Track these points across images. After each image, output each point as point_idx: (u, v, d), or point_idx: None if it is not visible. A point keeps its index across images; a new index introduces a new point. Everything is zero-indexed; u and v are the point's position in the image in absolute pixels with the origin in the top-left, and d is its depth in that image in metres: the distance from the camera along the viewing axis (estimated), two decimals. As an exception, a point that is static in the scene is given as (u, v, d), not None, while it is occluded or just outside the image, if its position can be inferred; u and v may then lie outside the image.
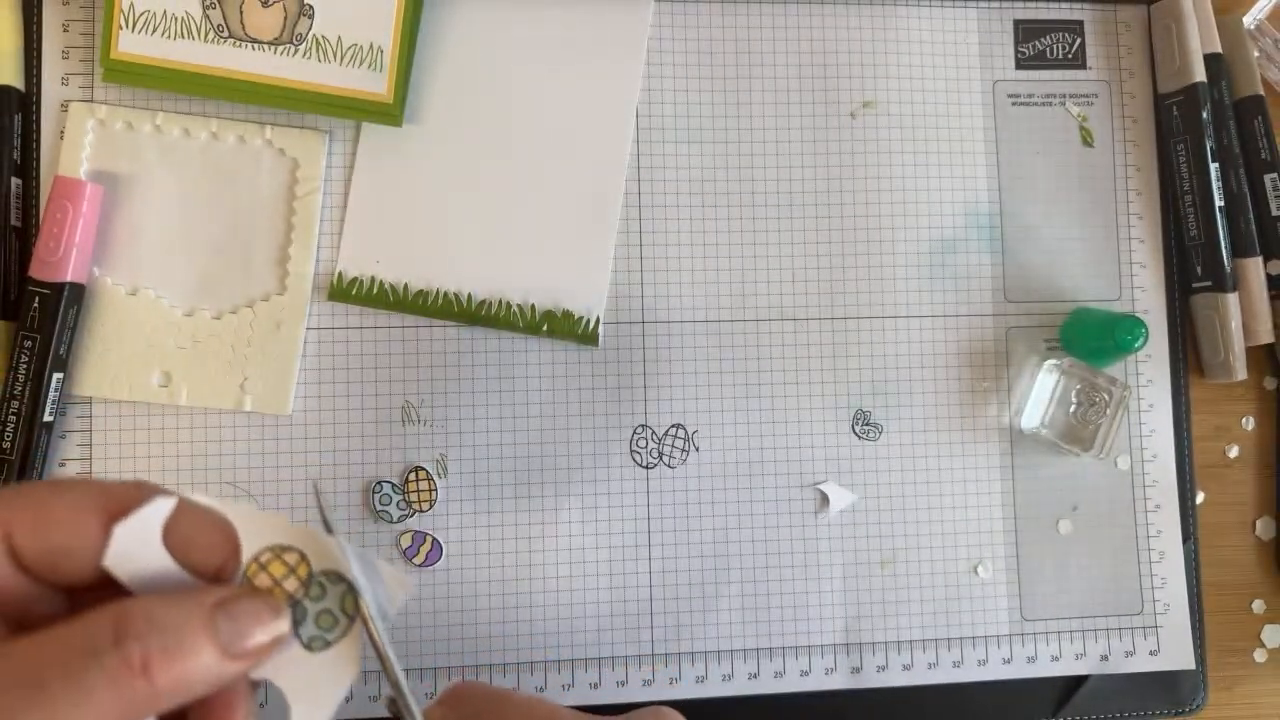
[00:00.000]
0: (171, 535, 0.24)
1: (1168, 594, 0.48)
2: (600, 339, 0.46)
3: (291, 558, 0.25)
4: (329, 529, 0.25)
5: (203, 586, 0.24)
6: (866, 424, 0.48)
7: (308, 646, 0.25)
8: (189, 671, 0.22)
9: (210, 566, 0.25)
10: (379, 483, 0.45)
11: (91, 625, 0.22)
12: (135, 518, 0.24)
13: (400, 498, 0.45)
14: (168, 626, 0.22)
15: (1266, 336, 0.48)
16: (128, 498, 0.24)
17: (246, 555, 0.25)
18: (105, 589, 0.24)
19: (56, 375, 0.42)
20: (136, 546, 0.24)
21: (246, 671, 0.24)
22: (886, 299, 0.48)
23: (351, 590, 0.25)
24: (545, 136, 0.46)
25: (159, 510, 0.24)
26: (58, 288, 0.42)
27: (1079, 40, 0.50)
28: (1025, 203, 0.49)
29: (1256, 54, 0.49)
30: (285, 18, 0.43)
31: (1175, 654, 0.48)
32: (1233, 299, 0.48)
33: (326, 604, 0.25)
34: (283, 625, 0.24)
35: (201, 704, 0.24)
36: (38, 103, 0.44)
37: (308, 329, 0.45)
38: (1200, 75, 0.47)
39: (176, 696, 0.22)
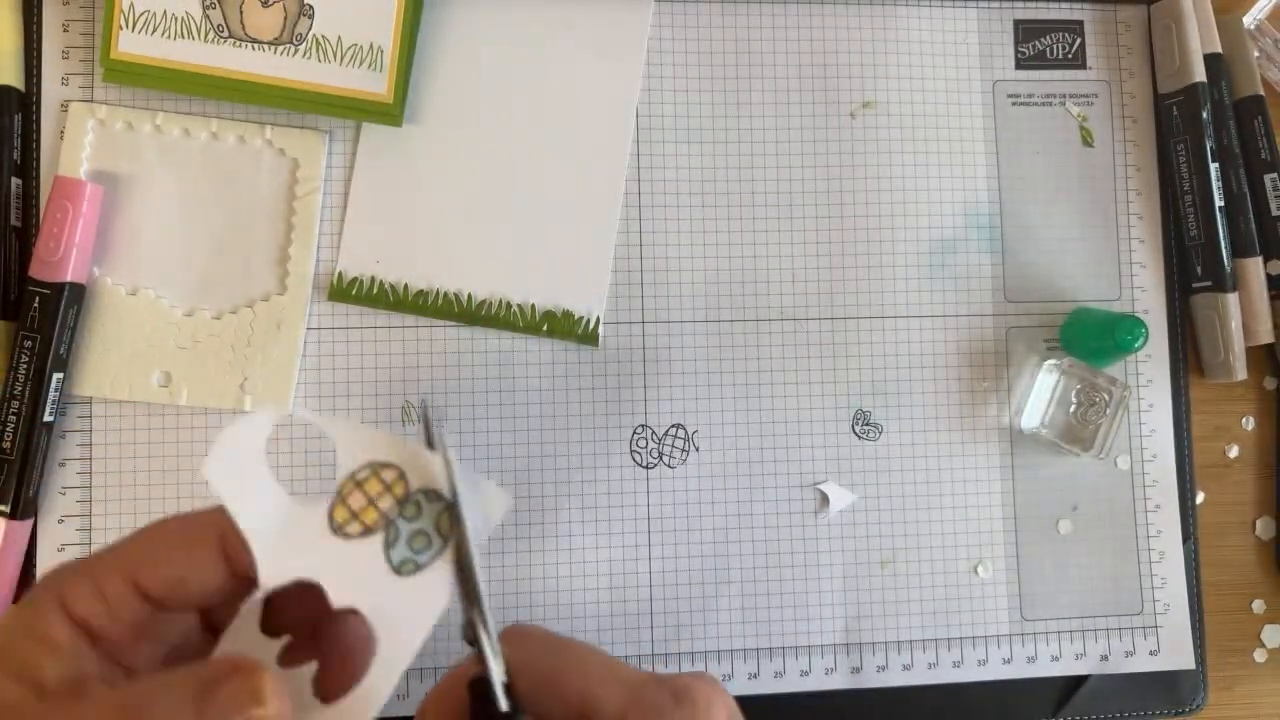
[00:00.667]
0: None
1: (1168, 594, 0.48)
2: (600, 339, 0.46)
3: (389, 475, 0.24)
4: (431, 444, 0.25)
5: (188, 667, 0.24)
6: (866, 424, 0.48)
7: (397, 570, 0.24)
8: None
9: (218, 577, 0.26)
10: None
11: (97, 707, 0.23)
12: (239, 426, 0.24)
13: (400, 498, 0.45)
14: (151, 713, 0.23)
15: (1266, 336, 0.48)
16: (219, 519, 0.25)
17: (344, 471, 0.24)
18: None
19: (56, 375, 0.42)
20: (237, 460, 0.24)
21: None
22: (886, 299, 0.48)
23: (448, 509, 0.24)
24: (545, 136, 0.46)
25: (264, 421, 0.24)
26: (58, 288, 0.42)
27: (1079, 40, 0.50)
28: (1025, 203, 0.49)
29: (1256, 54, 0.49)
30: (285, 18, 0.43)
31: (1175, 654, 0.48)
32: (1233, 299, 0.48)
33: (421, 524, 0.24)
34: (261, 711, 0.23)
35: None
36: (38, 103, 0.44)
37: (308, 329, 0.45)
38: (1200, 75, 0.47)
39: None
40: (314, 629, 0.27)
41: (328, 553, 0.24)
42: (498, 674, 0.24)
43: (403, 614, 0.24)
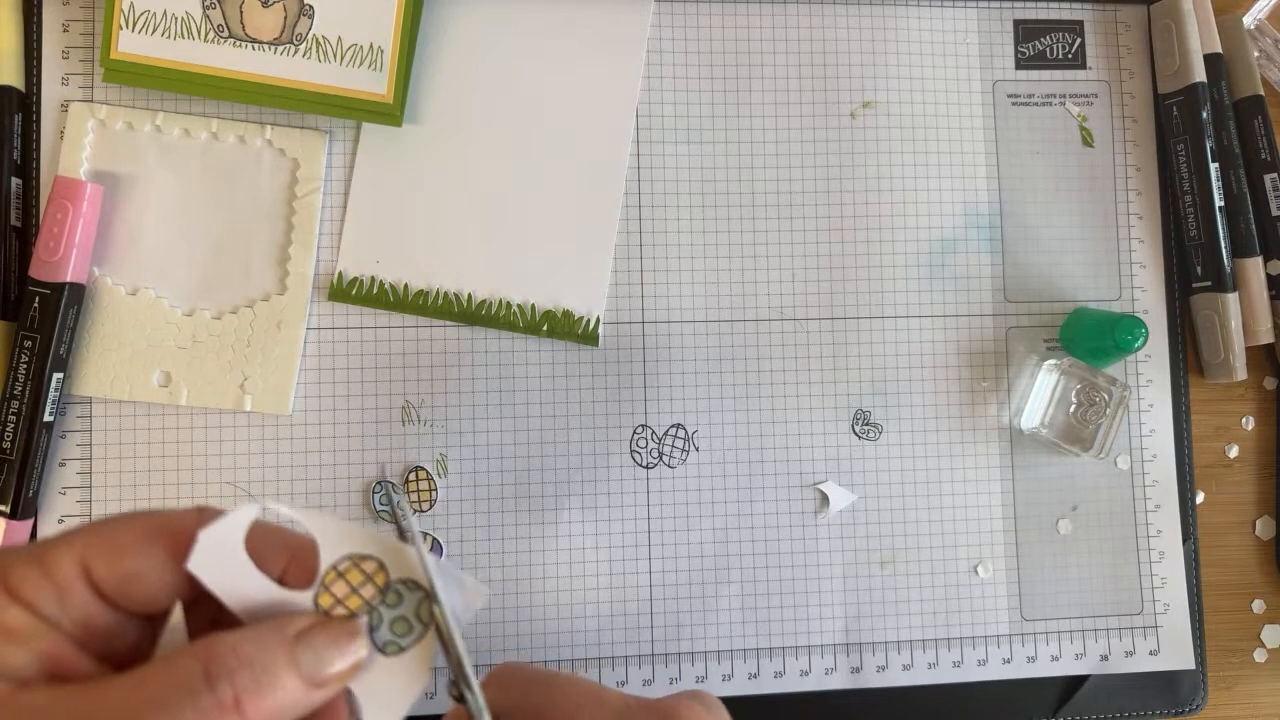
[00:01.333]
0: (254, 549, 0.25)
1: (1167, 594, 0.48)
2: (600, 339, 0.46)
3: (369, 566, 0.25)
4: (403, 537, 0.26)
5: (282, 617, 0.24)
6: (866, 424, 0.48)
7: (382, 650, 0.25)
8: (278, 704, 0.23)
9: (274, 574, 0.25)
10: (379, 483, 0.45)
11: (184, 664, 0.22)
12: (221, 523, 0.24)
13: (400, 498, 0.45)
14: (254, 662, 0.23)
15: (1266, 336, 0.48)
16: (188, 521, 0.25)
17: (326, 563, 0.25)
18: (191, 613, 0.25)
19: (56, 375, 0.42)
20: (219, 554, 0.24)
21: (331, 696, 0.24)
22: (886, 299, 0.48)
23: (428, 598, 0.25)
24: (545, 136, 0.46)
25: (244, 517, 0.25)
26: (58, 288, 0.42)
27: (1079, 40, 0.50)
28: (1025, 203, 0.49)
29: (1256, 54, 0.49)
30: (285, 18, 0.43)
31: (1175, 654, 0.48)
32: (1233, 299, 0.48)
33: (402, 611, 0.25)
34: (361, 650, 0.25)
35: None
36: (38, 103, 0.44)
37: (308, 329, 0.45)
38: (1200, 75, 0.47)
39: None
40: None
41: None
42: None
43: (388, 689, 0.25)
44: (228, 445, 0.44)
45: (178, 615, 0.24)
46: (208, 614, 0.25)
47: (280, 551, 0.25)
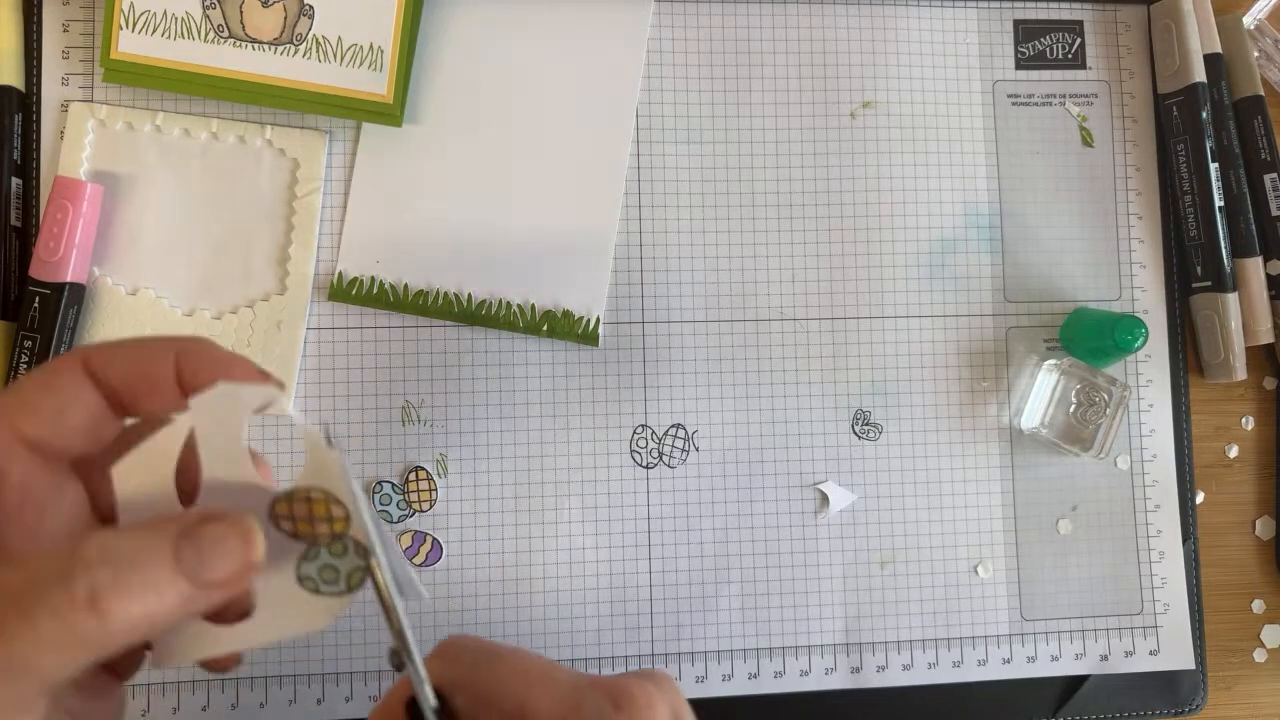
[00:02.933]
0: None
1: (1167, 594, 0.48)
2: (600, 339, 0.46)
3: (338, 511, 0.25)
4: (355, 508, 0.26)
5: (174, 514, 0.24)
6: (866, 424, 0.48)
7: (298, 580, 0.25)
8: (146, 605, 0.21)
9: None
10: (379, 482, 0.45)
11: (48, 560, 0.21)
12: (245, 388, 0.24)
13: (400, 498, 0.45)
14: (121, 558, 0.21)
15: (1266, 336, 0.48)
16: (83, 351, 0.25)
17: (304, 483, 0.25)
18: None
19: (56, 375, 0.42)
20: (225, 412, 0.24)
21: (215, 603, 0.23)
22: (886, 299, 0.48)
23: (365, 570, 0.25)
24: (545, 136, 0.46)
25: (261, 393, 0.25)
26: (58, 288, 0.42)
27: (1079, 40, 0.50)
28: (1025, 203, 0.49)
29: (1256, 54, 0.49)
30: (285, 18, 0.43)
31: (1175, 654, 0.48)
32: (1233, 299, 0.48)
33: (338, 563, 0.25)
34: (251, 553, 0.23)
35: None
36: (38, 103, 0.44)
37: (308, 329, 0.45)
38: (1200, 75, 0.47)
39: (136, 630, 0.21)
40: None
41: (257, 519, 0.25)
42: (428, 699, 0.25)
43: (282, 611, 0.25)
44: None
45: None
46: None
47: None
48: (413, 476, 0.45)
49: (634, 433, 0.46)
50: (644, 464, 0.46)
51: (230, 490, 0.25)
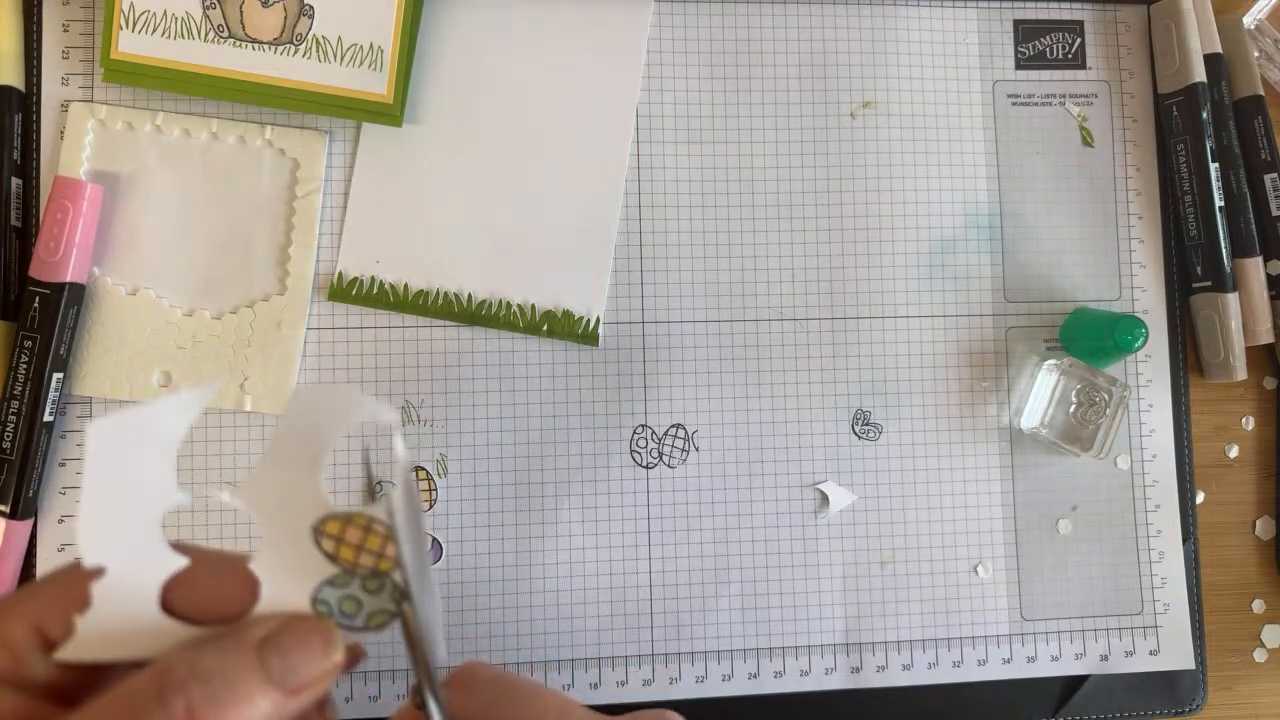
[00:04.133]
0: (186, 592, 0.23)
1: (1167, 594, 0.48)
2: (600, 339, 0.46)
3: (392, 550, 0.24)
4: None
5: (245, 623, 0.23)
6: (866, 424, 0.48)
7: (311, 602, 0.24)
8: (245, 715, 0.21)
9: (230, 615, 0.23)
10: (379, 483, 0.45)
11: (135, 686, 0.21)
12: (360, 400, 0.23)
13: (400, 498, 0.45)
14: (213, 674, 0.21)
15: (1266, 336, 0.48)
16: None
17: (369, 511, 0.24)
18: None
19: (56, 375, 0.42)
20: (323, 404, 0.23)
21: (309, 703, 0.23)
22: (886, 299, 0.48)
23: (392, 615, 0.24)
24: (545, 136, 0.46)
25: (369, 409, 0.24)
26: (58, 288, 0.42)
27: (1079, 40, 0.50)
28: (1025, 203, 0.49)
29: (1256, 54, 0.49)
30: (285, 18, 0.43)
31: (1175, 654, 0.48)
32: (1233, 299, 0.48)
33: (366, 599, 0.24)
34: (336, 655, 0.23)
35: None
36: (38, 103, 0.44)
37: (308, 329, 0.45)
38: (1200, 75, 0.47)
39: None
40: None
41: (292, 522, 0.24)
42: None
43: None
44: (228, 445, 0.44)
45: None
46: None
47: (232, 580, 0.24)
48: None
49: (634, 433, 0.46)
50: (644, 464, 0.46)
51: (288, 497, 0.24)
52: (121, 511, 0.23)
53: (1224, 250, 0.48)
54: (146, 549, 0.23)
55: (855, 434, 0.47)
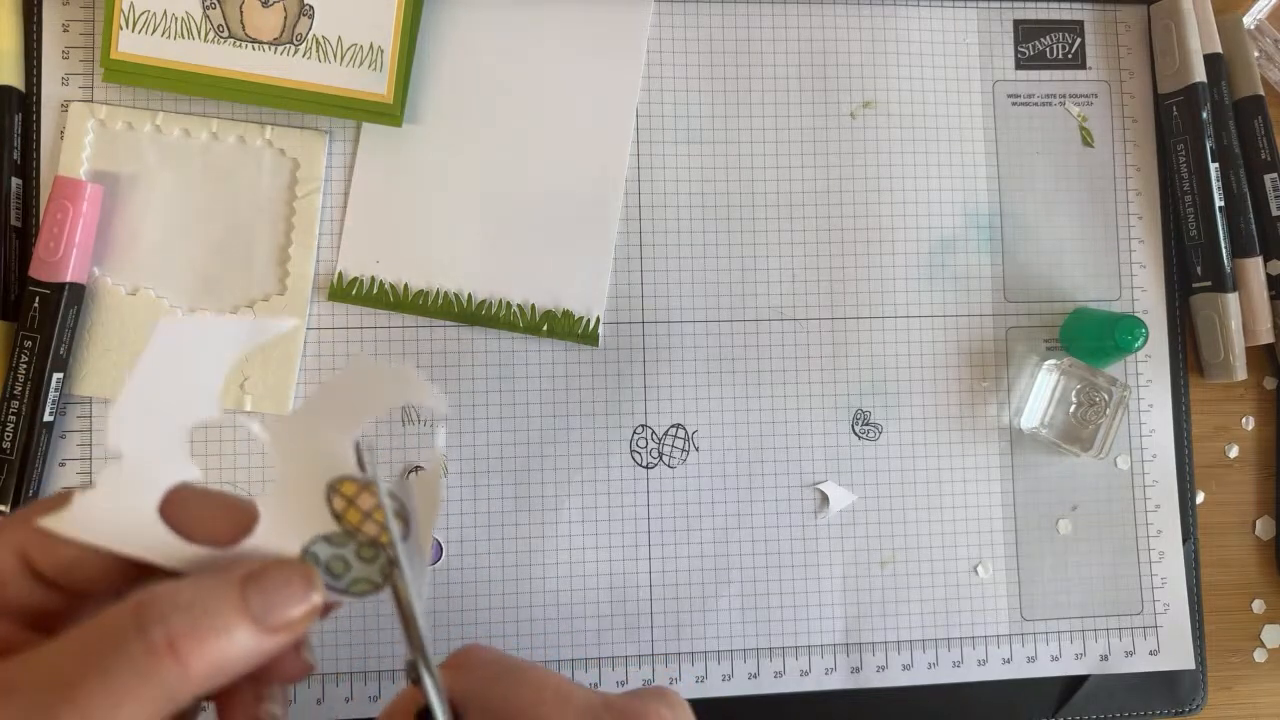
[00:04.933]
0: (183, 509, 0.24)
1: (1168, 594, 0.48)
2: (600, 339, 0.46)
3: (398, 528, 0.25)
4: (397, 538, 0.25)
5: (230, 563, 0.23)
6: (866, 424, 0.48)
7: (302, 552, 0.24)
8: (223, 649, 0.21)
9: (220, 539, 0.24)
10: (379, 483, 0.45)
11: (114, 615, 0.21)
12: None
13: (400, 498, 0.45)
14: (193, 605, 0.21)
15: (1266, 336, 0.48)
16: None
17: (393, 479, 0.25)
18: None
19: (56, 375, 0.42)
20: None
21: (285, 644, 0.23)
22: (886, 299, 0.48)
23: (377, 587, 0.25)
24: (545, 136, 0.46)
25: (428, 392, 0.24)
26: (58, 288, 0.42)
27: (1079, 40, 0.50)
28: (1025, 203, 0.49)
29: (1256, 54, 0.49)
30: (285, 18, 0.43)
31: (1175, 654, 0.48)
32: (1233, 299, 0.48)
33: (355, 564, 0.24)
34: (316, 597, 0.23)
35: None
36: (38, 103, 0.44)
37: (308, 329, 0.45)
38: (1200, 75, 0.47)
39: (214, 677, 0.21)
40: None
41: (309, 472, 0.24)
42: (442, 715, 0.25)
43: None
44: (228, 445, 0.44)
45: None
46: None
47: (221, 514, 0.24)
48: (413, 476, 0.45)
49: (634, 433, 0.46)
50: (644, 464, 0.46)
51: (310, 448, 0.24)
52: (158, 405, 0.23)
53: (1224, 250, 0.48)
54: (166, 449, 0.24)
55: (855, 434, 0.47)
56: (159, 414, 0.23)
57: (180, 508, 0.24)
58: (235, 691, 0.25)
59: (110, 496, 0.23)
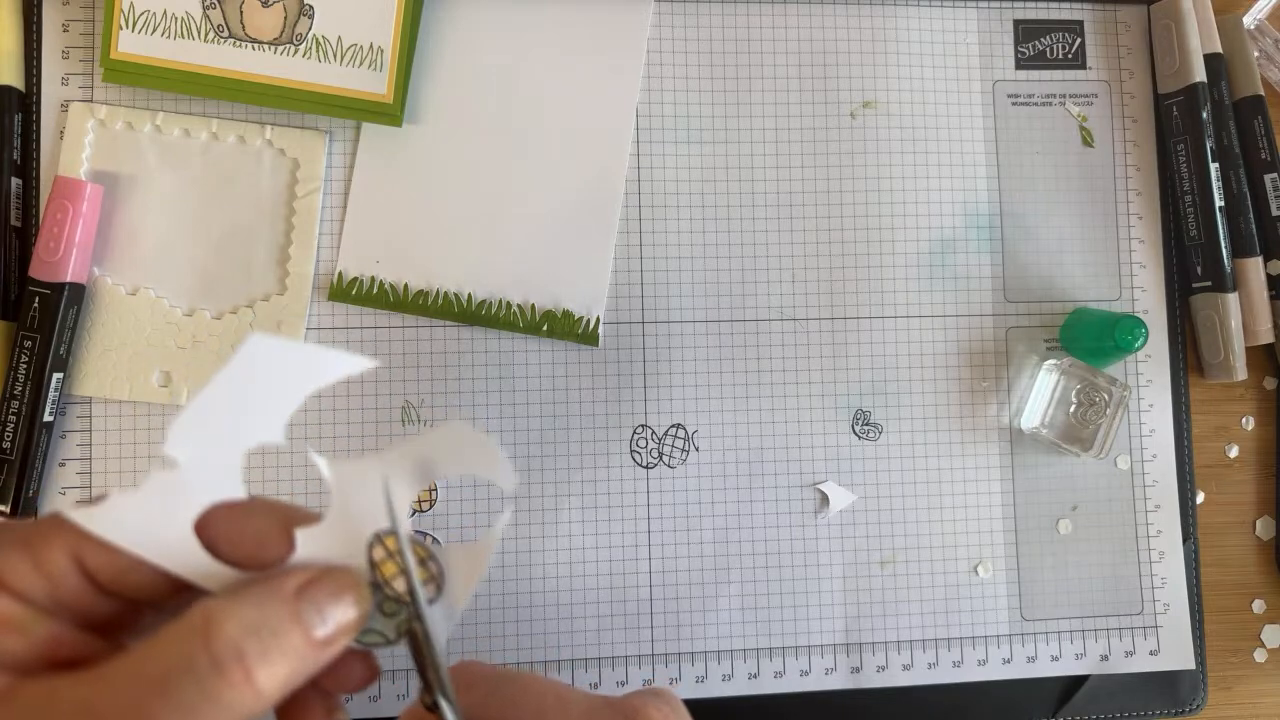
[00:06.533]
0: (220, 526, 0.24)
1: (1168, 594, 0.48)
2: (600, 339, 0.46)
3: (429, 591, 0.25)
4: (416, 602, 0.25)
5: (273, 574, 0.23)
6: (866, 424, 0.48)
7: None
8: (290, 669, 0.21)
9: (249, 563, 0.24)
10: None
11: (181, 638, 0.21)
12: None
13: (400, 498, 0.45)
14: (259, 625, 0.21)
15: (1266, 336, 0.48)
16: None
17: (439, 552, 0.24)
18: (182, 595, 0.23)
19: (56, 375, 0.42)
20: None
21: (336, 654, 0.23)
22: (886, 299, 0.48)
23: (391, 643, 0.24)
24: (545, 136, 0.46)
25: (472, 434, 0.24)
26: (58, 288, 0.42)
27: (1079, 40, 0.50)
28: (1025, 203, 0.49)
29: (1256, 54, 0.49)
30: (285, 18, 0.43)
31: (1175, 654, 0.48)
32: (1233, 299, 0.48)
33: (375, 619, 0.24)
34: (365, 603, 0.23)
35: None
36: (38, 103, 0.44)
37: (308, 329, 0.45)
38: (1200, 75, 0.47)
39: (281, 694, 0.22)
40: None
41: (357, 516, 0.24)
42: None
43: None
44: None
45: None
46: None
47: (279, 530, 0.24)
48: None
49: (634, 433, 0.46)
50: (644, 464, 0.46)
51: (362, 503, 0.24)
52: (225, 422, 0.23)
53: (1224, 250, 0.48)
54: (220, 467, 0.24)
55: (855, 434, 0.47)
56: (224, 431, 0.23)
57: (215, 524, 0.24)
58: (302, 701, 0.25)
59: (149, 502, 0.23)
